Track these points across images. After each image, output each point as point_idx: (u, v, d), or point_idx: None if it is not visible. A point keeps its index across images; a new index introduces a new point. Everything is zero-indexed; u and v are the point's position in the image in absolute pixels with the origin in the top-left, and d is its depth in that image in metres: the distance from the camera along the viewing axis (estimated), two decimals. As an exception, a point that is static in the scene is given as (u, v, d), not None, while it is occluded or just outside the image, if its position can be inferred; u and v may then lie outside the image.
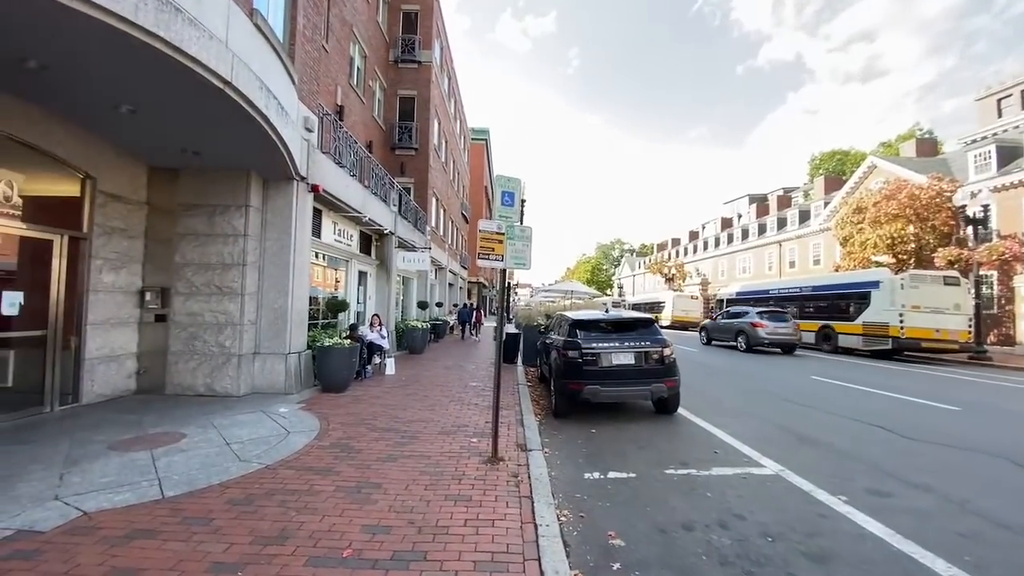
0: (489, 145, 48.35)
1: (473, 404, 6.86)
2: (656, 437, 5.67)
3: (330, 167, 8.55)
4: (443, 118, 22.45)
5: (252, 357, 7.18)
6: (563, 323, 7.23)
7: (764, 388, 9.23)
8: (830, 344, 17.77)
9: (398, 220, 13.35)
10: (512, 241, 4.51)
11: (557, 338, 7.15)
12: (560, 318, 7.67)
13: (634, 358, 6.21)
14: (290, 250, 7.33)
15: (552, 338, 7.65)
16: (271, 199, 7.40)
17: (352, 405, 6.60)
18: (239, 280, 7.03)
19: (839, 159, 45.88)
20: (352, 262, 11.14)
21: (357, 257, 11.41)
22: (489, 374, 9.79)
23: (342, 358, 7.38)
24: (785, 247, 35.23)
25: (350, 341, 7.79)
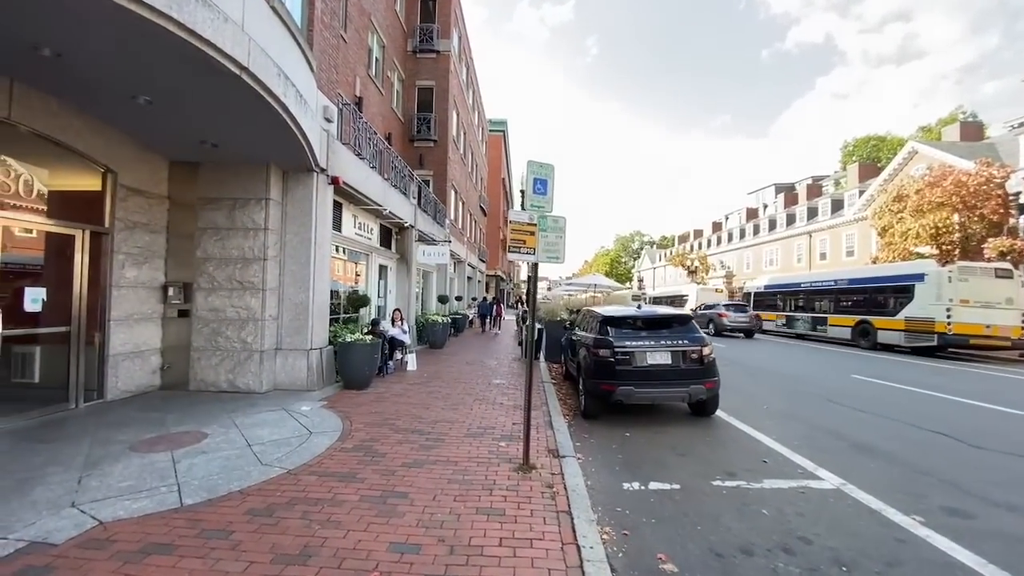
0: (507, 137, 47.84)
1: (498, 404, 6.59)
2: (696, 442, 5.29)
3: (350, 158, 8.33)
4: (462, 109, 22.10)
5: (274, 353, 7.06)
6: (592, 319, 6.87)
7: (804, 388, 8.70)
8: (868, 340, 16.89)
9: (418, 213, 13.13)
10: (544, 233, 4.18)
11: (586, 335, 6.80)
12: (589, 314, 7.31)
13: (671, 358, 5.82)
14: (311, 244, 7.16)
15: (579, 335, 7.31)
16: (291, 192, 7.23)
17: (374, 403, 6.41)
18: (260, 275, 6.89)
19: (874, 145, 43.71)
20: (372, 256, 10.99)
21: (377, 251, 11.24)
22: (512, 370, 9.53)
23: (363, 354, 7.20)
24: (816, 238, 33.80)
25: (371, 337, 7.61)
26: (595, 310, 6.99)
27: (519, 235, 4.09)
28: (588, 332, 6.80)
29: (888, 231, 21.88)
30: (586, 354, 6.33)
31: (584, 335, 6.90)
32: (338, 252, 9.47)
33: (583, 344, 6.65)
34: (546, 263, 4.20)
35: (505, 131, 45.84)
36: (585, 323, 7.33)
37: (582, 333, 7.13)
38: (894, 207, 21.96)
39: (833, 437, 5.54)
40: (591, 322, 6.86)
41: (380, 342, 8.04)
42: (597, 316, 6.60)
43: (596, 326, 6.43)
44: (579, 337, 7.13)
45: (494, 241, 42.62)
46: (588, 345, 6.29)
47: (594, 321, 6.67)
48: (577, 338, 7.24)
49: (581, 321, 7.77)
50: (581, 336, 7.03)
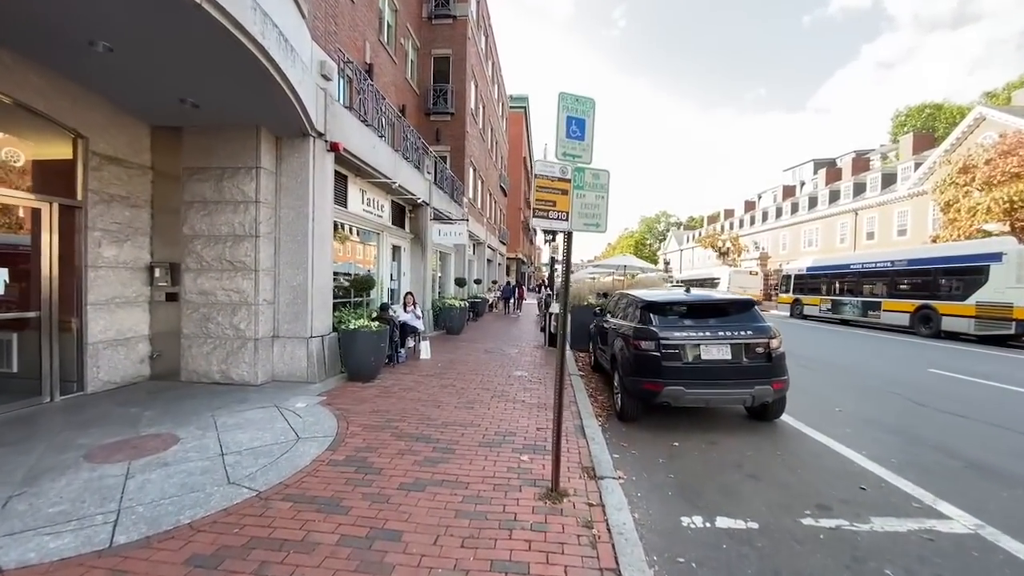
0: (528, 113, 46.10)
1: (519, 401, 5.71)
2: (765, 457, 4.28)
3: (353, 124, 7.43)
4: (480, 80, 20.85)
5: (271, 341, 6.36)
6: (631, 306, 5.84)
7: (877, 385, 7.48)
8: (930, 327, 15.21)
9: (433, 189, 12.21)
10: (581, 191, 3.17)
11: (622, 323, 5.80)
12: (626, 299, 6.27)
13: (731, 352, 4.77)
14: (308, 219, 6.34)
15: (614, 323, 6.31)
16: (285, 160, 6.39)
17: (379, 399, 5.63)
18: (252, 254, 6.13)
19: (929, 114, 39.98)
20: (384, 235, 10.17)
21: (389, 230, 10.42)
22: (535, 360, 8.63)
23: (369, 343, 6.41)
24: (862, 216, 31.29)
25: (379, 323, 6.81)
26: (634, 294, 5.95)
27: (547, 194, 3.09)
28: (625, 320, 5.79)
29: (952, 206, 19.71)
30: (624, 346, 5.34)
31: (620, 323, 5.89)
32: (344, 230, 8.67)
33: (619, 334, 5.65)
34: (582, 231, 3.21)
35: (527, 108, 44.11)
36: (621, 309, 6.30)
37: (617, 321, 6.12)
38: (959, 179, 19.73)
39: (941, 453, 4.43)
40: (629, 308, 5.84)
41: (389, 329, 7.25)
42: (637, 301, 5.57)
43: (636, 313, 5.41)
44: (613, 325, 6.13)
45: (515, 223, 41.47)
46: (627, 336, 5.29)
47: (633, 307, 5.65)
48: (611, 326, 6.25)
49: (615, 307, 6.75)
50: (616, 324, 6.03)
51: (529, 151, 51.32)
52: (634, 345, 5.04)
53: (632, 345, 5.08)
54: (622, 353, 5.38)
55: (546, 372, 7.52)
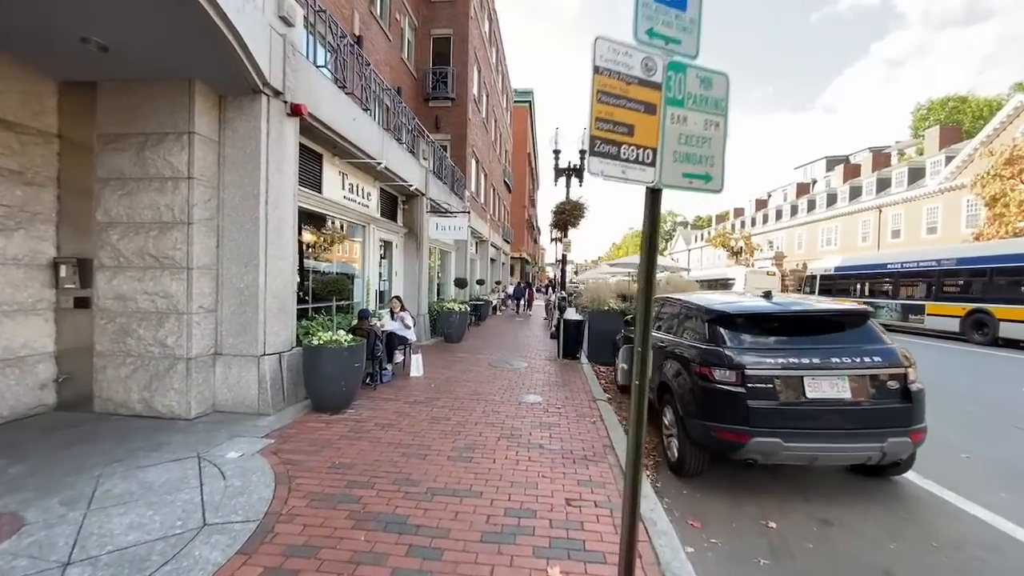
0: (533, 109, 44.57)
1: (537, 446, 4.21)
2: (920, 554, 2.78)
3: (325, 87, 5.96)
4: (483, 66, 19.39)
5: (211, 361, 4.90)
6: (688, 316, 4.34)
7: (985, 414, 5.94)
8: (984, 334, 13.61)
9: (430, 178, 10.74)
10: (679, 109, 1.67)
11: (676, 341, 4.31)
12: (676, 306, 4.72)
13: (850, 387, 3.27)
14: (260, 201, 4.87)
15: (658, 337, 4.82)
16: (230, 125, 4.93)
17: (345, 442, 4.15)
18: (183, 246, 4.67)
19: (954, 107, 38.22)
20: (371, 228, 8.70)
21: (377, 222, 8.95)
22: (549, 378, 7.13)
23: (338, 363, 4.93)
24: (887, 213, 29.58)
25: (354, 336, 5.34)
26: (693, 301, 4.42)
27: (618, 109, 1.59)
28: (680, 336, 4.29)
29: (999, 201, 18.07)
30: (683, 374, 3.84)
31: (672, 340, 4.40)
32: (315, 221, 7.21)
33: (674, 355, 4.16)
34: (679, 189, 1.72)
35: (531, 102, 42.58)
36: (669, 320, 4.79)
37: (666, 336, 4.61)
38: (1005, 172, 18.10)
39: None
40: (687, 321, 4.32)
41: (368, 343, 5.78)
42: (699, 311, 4.07)
43: (701, 328, 3.91)
44: (660, 341, 4.62)
45: (519, 221, 39.96)
46: (689, 360, 3.80)
47: (694, 319, 4.14)
48: (661, 344, 4.74)
49: (665, 317, 5.25)
50: (665, 341, 4.52)
51: (534, 147, 49.81)
52: (702, 374, 3.54)
53: (698, 374, 3.58)
54: (679, 383, 3.88)
55: (565, 396, 6.02)
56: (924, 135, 35.25)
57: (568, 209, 10.98)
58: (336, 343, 4.95)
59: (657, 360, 4.62)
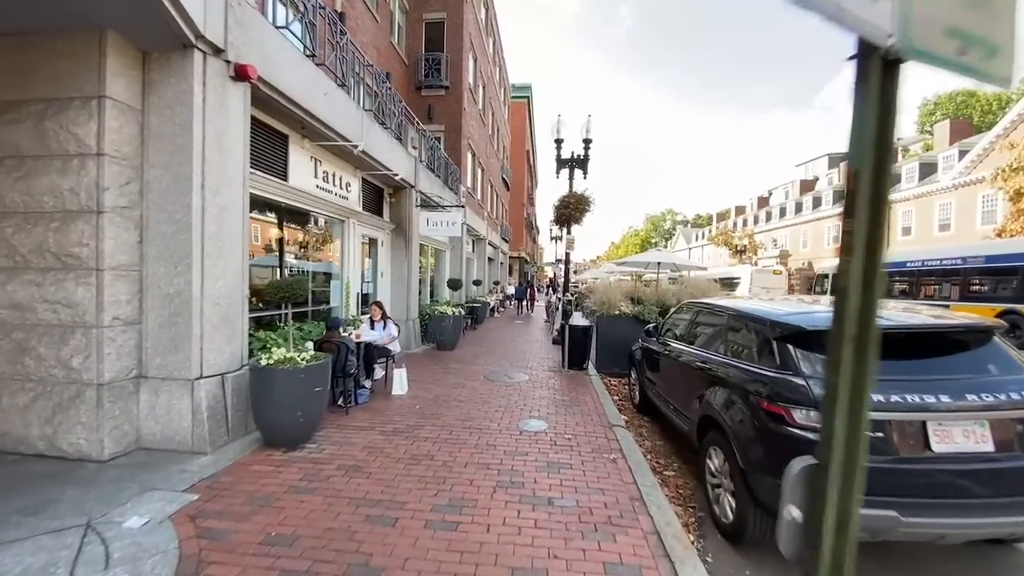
0: (531, 105, 43.57)
1: (544, 502, 3.22)
2: None
3: (285, 49, 4.97)
4: (480, 55, 18.38)
5: (133, 386, 3.90)
6: (742, 329, 3.35)
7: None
8: (1017, 337, 12.66)
9: (420, 169, 9.74)
10: None
11: (723, 361, 3.32)
12: (728, 316, 3.67)
13: (991, 436, 2.30)
14: (194, 185, 3.88)
15: (694, 355, 3.85)
16: (155, 89, 3.93)
17: (291, 501, 3.15)
18: (92, 241, 3.68)
19: (962, 102, 37.33)
20: (351, 223, 7.70)
21: (359, 216, 7.95)
22: (555, 395, 6.14)
23: (293, 388, 3.94)
24: (897, 210, 28.67)
25: (314, 354, 4.34)
26: (751, 310, 3.40)
27: None
28: (732, 355, 3.31)
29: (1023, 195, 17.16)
30: (743, 410, 2.86)
31: (720, 360, 3.42)
32: (279, 213, 6.21)
33: (724, 381, 3.18)
34: (942, 67, 0.78)
35: (530, 98, 41.60)
36: (715, 333, 3.80)
37: (710, 354, 3.63)
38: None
39: None
40: (740, 334, 3.34)
41: (336, 359, 4.79)
42: (762, 323, 3.07)
43: (766, 347, 2.92)
44: (706, 362, 3.63)
45: (518, 219, 38.97)
46: (750, 391, 2.82)
47: (753, 334, 3.14)
48: (692, 361, 3.75)
49: (691, 327, 4.27)
50: (711, 361, 3.54)
51: (532, 145, 48.83)
52: (774, 414, 2.56)
53: (768, 413, 2.60)
54: (736, 420, 2.90)
55: (575, 420, 5.04)
56: (931, 130, 34.42)
57: (572, 203, 9.98)
58: (291, 362, 3.95)
59: (693, 383, 3.65)
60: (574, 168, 10.41)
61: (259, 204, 5.64)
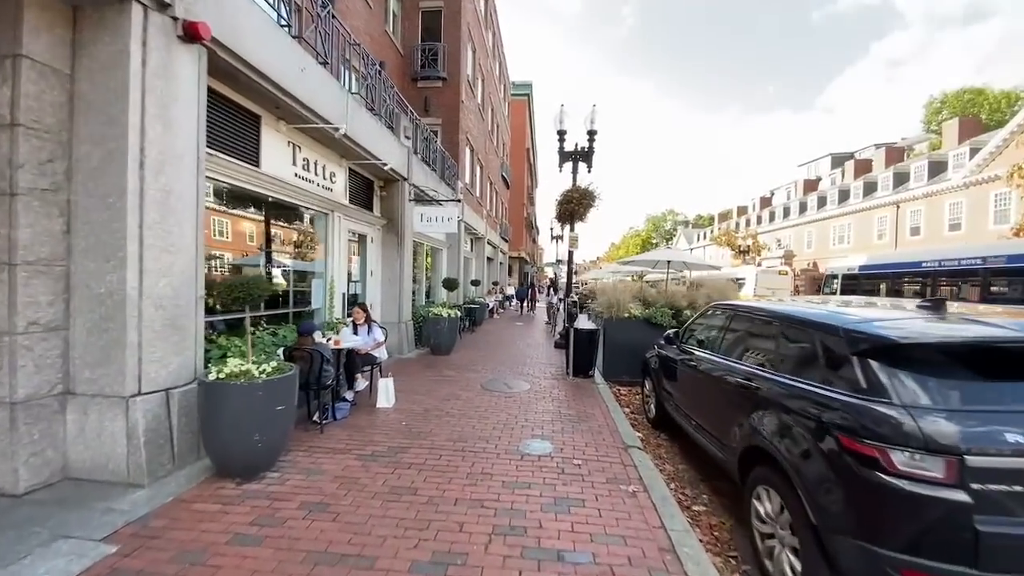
0: (532, 103, 42.98)
1: (553, 557, 2.58)
2: None
3: (252, 12, 4.32)
4: (479, 47, 17.76)
5: (58, 404, 3.25)
6: (799, 339, 2.68)
7: None
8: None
9: (413, 161, 9.10)
10: None
11: (776, 379, 2.68)
12: (778, 322, 2.98)
13: None
14: (129, 162, 3.23)
15: (730, 367, 3.22)
16: (86, 49, 3.29)
17: (233, 555, 2.50)
18: (3, 230, 3.03)
19: (970, 100, 36.76)
20: (335, 217, 7.05)
21: (345, 209, 7.30)
22: (559, 409, 5.49)
23: (248, 407, 3.28)
24: (905, 209, 28.06)
25: (276, 365, 3.68)
26: (806, 314, 2.72)
27: None
28: (787, 371, 2.66)
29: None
30: (812, 445, 2.21)
31: (771, 377, 2.76)
32: (248, 206, 5.56)
33: (781, 405, 2.53)
34: None
35: (530, 95, 41.01)
36: (760, 342, 3.15)
37: (754, 368, 2.98)
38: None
39: None
40: (796, 345, 2.68)
41: (308, 369, 4.15)
42: (824, 330, 2.43)
43: (840, 364, 2.27)
44: (750, 379, 2.97)
45: (518, 219, 38.35)
46: (825, 422, 2.16)
47: (817, 346, 2.48)
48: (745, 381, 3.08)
49: (722, 335, 3.63)
50: (759, 378, 2.89)
51: (532, 143, 48.24)
52: (862, 456, 1.91)
53: (852, 453, 1.96)
54: (801, 458, 2.25)
55: (585, 440, 4.39)
56: (938, 128, 33.86)
57: (576, 198, 9.32)
58: (246, 376, 3.30)
59: (730, 402, 3.02)
60: (578, 161, 9.78)
61: (224, 193, 5.00)
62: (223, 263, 5.19)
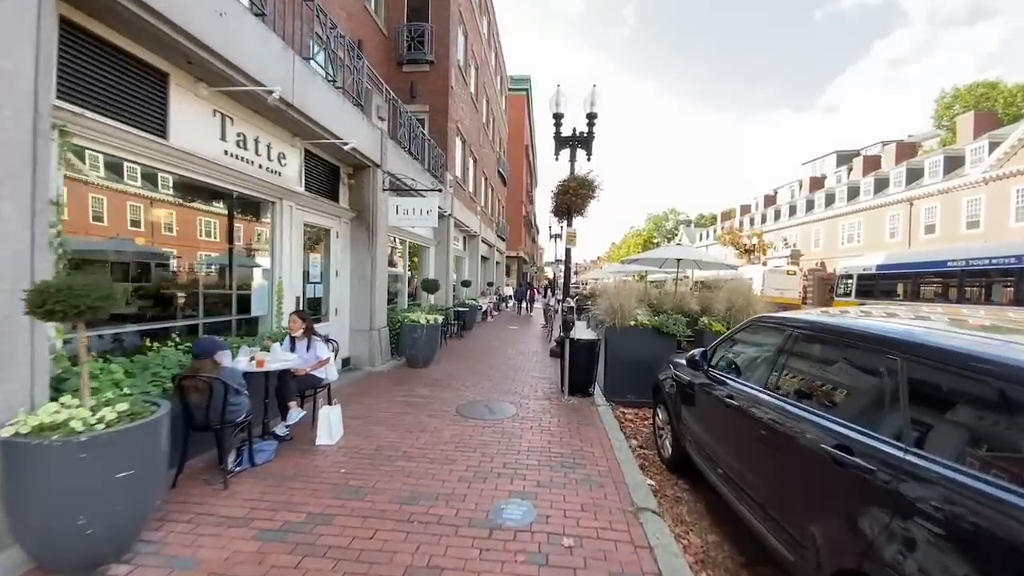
0: (531, 99, 41.83)
1: None
2: None
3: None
4: (472, 33, 16.63)
5: None
6: (974, 390, 1.55)
7: None
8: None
9: (388, 145, 7.98)
10: None
11: (950, 486, 1.53)
12: (904, 353, 1.80)
13: None
14: None
15: (821, 430, 2.07)
16: None
17: None
18: None
19: (982, 94, 35.54)
20: (285, 206, 5.92)
21: (299, 198, 6.17)
22: (547, 439, 4.35)
23: (64, 473, 2.16)
24: (920, 206, 26.87)
25: (128, 409, 2.56)
26: (986, 352, 1.58)
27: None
28: (936, 455, 1.52)
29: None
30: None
31: (915, 463, 1.62)
32: (155, 185, 4.43)
33: (933, 518, 1.39)
34: None
35: (529, 91, 39.84)
36: (864, 393, 2.02)
37: (877, 446, 1.82)
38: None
39: None
40: (976, 411, 1.53)
41: (193, 405, 3.03)
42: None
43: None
44: (866, 465, 1.82)
45: (516, 217, 37.23)
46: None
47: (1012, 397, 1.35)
48: (825, 448, 1.95)
49: (800, 369, 2.50)
50: (871, 457, 1.75)
51: (532, 141, 47.12)
52: None
53: None
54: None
55: (582, 495, 3.28)
56: (950, 124, 32.73)
57: (574, 187, 8.18)
58: (64, 430, 2.17)
59: (813, 480, 1.89)
60: (576, 148, 8.65)
61: (120, 169, 3.87)
62: (119, 257, 4.07)
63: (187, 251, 4.79)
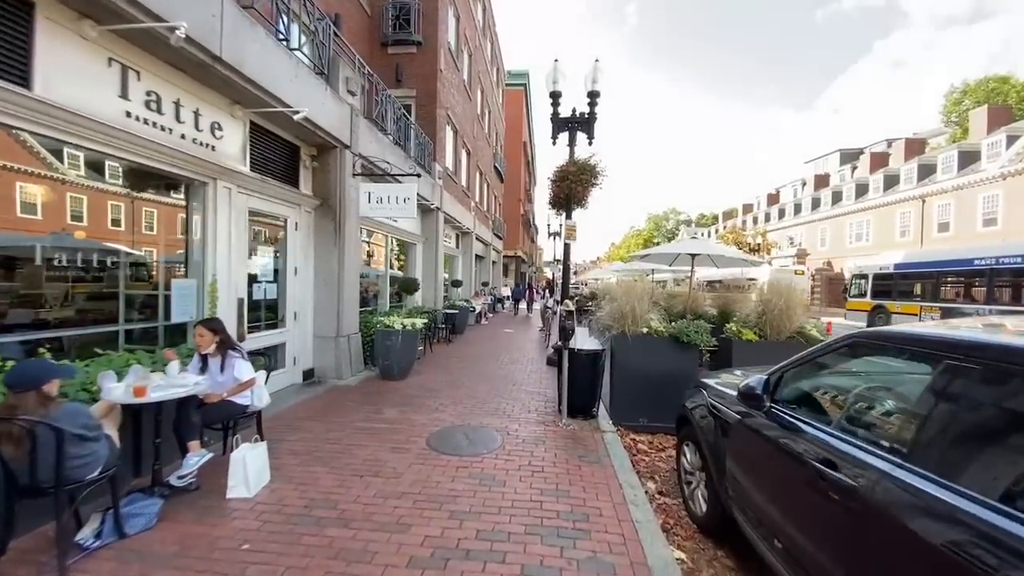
0: (529, 95, 40.77)
1: None
2: None
3: None
4: (464, 15, 15.58)
5: None
6: None
7: None
8: None
9: (359, 124, 6.93)
10: None
11: None
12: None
13: None
14: None
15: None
16: None
17: None
18: None
19: (993, 89, 34.51)
20: (220, 188, 4.85)
21: (240, 179, 5.10)
22: (536, 485, 3.30)
23: None
24: (932, 204, 25.84)
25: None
26: None
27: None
28: None
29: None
30: None
31: None
32: (36, 157, 3.37)
33: None
34: None
35: (527, 86, 38.79)
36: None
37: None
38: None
39: None
40: None
41: (35, 455, 1.97)
42: None
43: None
44: None
45: (513, 216, 36.11)
46: None
47: None
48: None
49: (965, 420, 1.43)
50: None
51: (530, 138, 46.05)
52: None
53: None
54: None
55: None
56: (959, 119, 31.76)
57: (573, 173, 7.10)
58: None
59: None
60: (576, 130, 7.58)
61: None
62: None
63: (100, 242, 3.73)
